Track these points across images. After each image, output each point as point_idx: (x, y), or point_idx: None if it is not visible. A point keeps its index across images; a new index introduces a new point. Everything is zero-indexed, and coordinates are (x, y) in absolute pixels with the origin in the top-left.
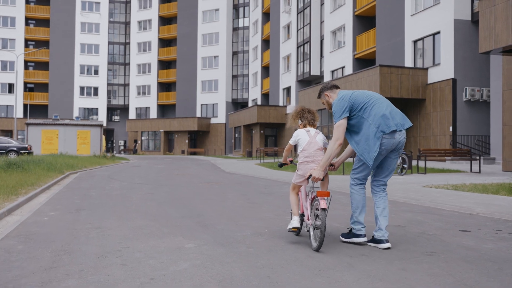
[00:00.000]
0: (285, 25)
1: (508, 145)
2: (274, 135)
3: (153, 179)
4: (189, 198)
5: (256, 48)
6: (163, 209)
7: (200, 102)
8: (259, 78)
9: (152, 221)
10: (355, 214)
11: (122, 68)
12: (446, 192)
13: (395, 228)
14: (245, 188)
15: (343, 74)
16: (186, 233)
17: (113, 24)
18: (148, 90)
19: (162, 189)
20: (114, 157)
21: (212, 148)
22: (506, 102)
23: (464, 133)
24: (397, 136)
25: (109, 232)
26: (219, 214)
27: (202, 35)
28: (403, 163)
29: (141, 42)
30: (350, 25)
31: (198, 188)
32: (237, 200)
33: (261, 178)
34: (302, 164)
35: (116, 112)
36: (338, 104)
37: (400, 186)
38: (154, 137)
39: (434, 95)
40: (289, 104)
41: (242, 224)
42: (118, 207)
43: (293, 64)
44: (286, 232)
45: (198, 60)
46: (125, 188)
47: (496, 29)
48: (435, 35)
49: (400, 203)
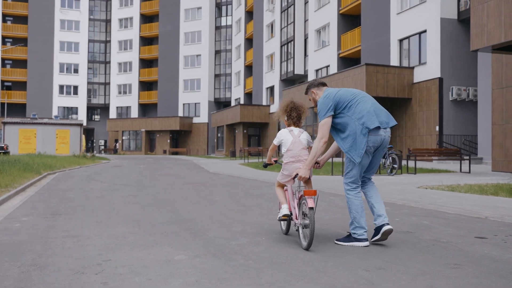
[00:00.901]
0: (268, 24)
1: (498, 144)
2: (258, 134)
3: (135, 180)
4: (175, 201)
5: (239, 47)
6: (148, 213)
7: (182, 101)
8: (242, 77)
9: (136, 228)
10: (356, 219)
11: (102, 67)
12: (444, 194)
13: (405, 235)
14: (233, 190)
15: (328, 73)
16: (175, 242)
17: (93, 21)
18: (129, 89)
19: (145, 191)
20: (94, 157)
21: (195, 148)
22: (496, 101)
23: (450, 133)
24: (382, 133)
25: (88, 242)
26: (208, 219)
27: (184, 33)
28: (393, 163)
29: (122, 40)
30: (334, 23)
31: (183, 189)
32: (226, 202)
33: (247, 178)
34: (287, 164)
35: (97, 111)
36: (323, 103)
37: (395, 187)
38: (135, 137)
39: (420, 94)
40: (272, 103)
41: (236, 230)
42: (98, 211)
43: (277, 63)
44: (287, 240)
45: (180, 58)
46: (105, 189)
47: (488, 26)
48: (421, 34)
49: (399, 205)
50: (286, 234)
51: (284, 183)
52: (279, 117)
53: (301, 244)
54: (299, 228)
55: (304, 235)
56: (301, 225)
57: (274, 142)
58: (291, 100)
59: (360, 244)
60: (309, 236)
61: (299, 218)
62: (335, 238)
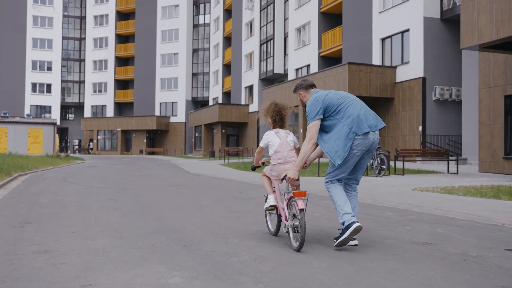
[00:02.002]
0: (247, 22)
1: (485, 145)
2: (236, 134)
3: (113, 182)
4: (158, 206)
5: (217, 46)
6: (130, 221)
7: (159, 100)
8: (220, 76)
9: (118, 240)
10: (340, 207)
11: (77, 65)
12: (444, 197)
13: (426, 247)
14: (219, 193)
15: (308, 72)
16: (166, 259)
17: (67, 18)
18: (104, 88)
19: (125, 194)
20: (69, 157)
21: (172, 148)
22: (483, 101)
23: (433, 133)
24: (371, 137)
25: (63, 259)
26: (199, 228)
27: (162, 31)
28: (381, 164)
29: (97, 38)
30: (315, 22)
31: (165, 192)
32: (214, 208)
33: (231, 180)
34: (275, 165)
35: (71, 110)
36: (311, 106)
37: (388, 190)
38: (110, 136)
39: (403, 94)
40: (251, 103)
41: (233, 242)
42: (74, 219)
43: (256, 62)
44: (296, 256)
45: (157, 57)
46: (81, 193)
47: (479, 24)
48: (404, 33)
49: (402, 210)
50: (275, 235)
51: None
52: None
53: (291, 246)
54: (289, 229)
55: (295, 237)
56: (291, 227)
57: (260, 145)
58: (274, 102)
59: (351, 228)
60: (300, 237)
61: (289, 219)
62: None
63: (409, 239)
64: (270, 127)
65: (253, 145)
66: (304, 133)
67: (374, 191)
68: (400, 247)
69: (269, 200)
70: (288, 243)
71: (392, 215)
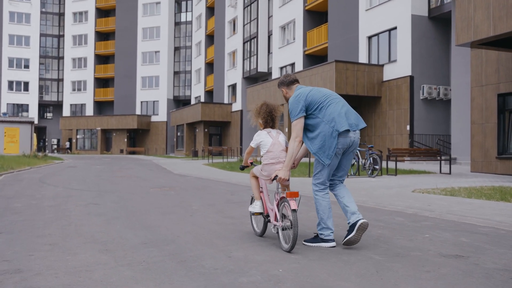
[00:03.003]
0: (230, 20)
1: (477, 144)
2: (219, 133)
3: (94, 183)
4: (145, 211)
5: (200, 44)
6: (115, 230)
7: (140, 99)
8: (202, 74)
9: (103, 254)
10: (322, 220)
11: (55, 62)
12: (449, 200)
13: (459, 261)
14: (209, 196)
15: (293, 71)
16: (163, 281)
17: (45, 15)
18: (84, 86)
19: (108, 198)
20: (47, 156)
21: (153, 147)
22: (475, 100)
23: (420, 132)
24: (351, 135)
25: (38, 282)
26: (194, 238)
27: (143, 29)
28: (374, 164)
29: (76, 35)
30: (300, 20)
31: (151, 195)
32: (207, 213)
33: (219, 181)
34: (267, 165)
35: (49, 109)
36: (294, 103)
37: (387, 191)
38: (90, 136)
39: (390, 92)
40: (234, 101)
41: (237, 257)
42: (51, 227)
43: (239, 61)
44: (316, 274)
45: (138, 55)
46: (60, 196)
47: (476, 19)
48: (391, 31)
49: (412, 214)
50: (261, 236)
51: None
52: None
53: (281, 246)
54: (278, 230)
55: (285, 237)
56: (281, 227)
57: (251, 145)
58: (265, 103)
59: (327, 244)
60: (292, 238)
61: (279, 220)
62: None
63: (436, 251)
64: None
65: (236, 145)
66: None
67: (373, 193)
68: (431, 261)
69: (255, 206)
70: (319, 269)
71: (403, 221)
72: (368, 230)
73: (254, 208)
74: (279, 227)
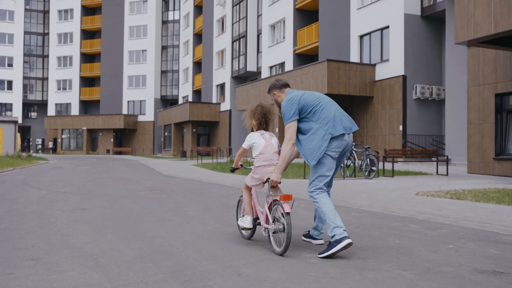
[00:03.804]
0: (219, 19)
1: (474, 145)
2: (207, 133)
3: (81, 186)
4: (138, 218)
5: (187, 43)
6: (106, 240)
7: (126, 98)
8: (190, 74)
9: (94, 271)
10: (331, 220)
11: (40, 61)
12: (459, 204)
13: (501, 280)
14: (204, 200)
15: (283, 70)
16: None
17: (29, 12)
18: (69, 85)
19: (96, 202)
20: (31, 157)
21: (140, 147)
22: (472, 99)
23: (413, 133)
24: (346, 138)
25: None
26: (196, 251)
27: (129, 27)
28: (371, 165)
29: (61, 33)
30: (290, 19)
31: (142, 199)
32: (205, 220)
33: (212, 183)
34: (259, 168)
35: (33, 108)
36: (287, 106)
37: (390, 194)
38: (76, 135)
39: (382, 92)
40: (223, 101)
41: (249, 275)
42: (34, 238)
43: (228, 60)
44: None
45: (125, 54)
46: (45, 200)
47: (476, 17)
48: (383, 30)
49: (425, 221)
50: (249, 239)
51: (253, 186)
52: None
53: (273, 250)
54: (269, 233)
55: (276, 240)
56: (273, 230)
57: (243, 146)
58: (260, 105)
59: (342, 244)
60: (285, 241)
61: (271, 223)
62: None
63: (469, 266)
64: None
65: (225, 145)
66: (281, 134)
67: (375, 197)
68: (468, 279)
69: (245, 221)
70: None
71: (419, 229)
72: (385, 240)
73: (244, 223)
74: (271, 230)
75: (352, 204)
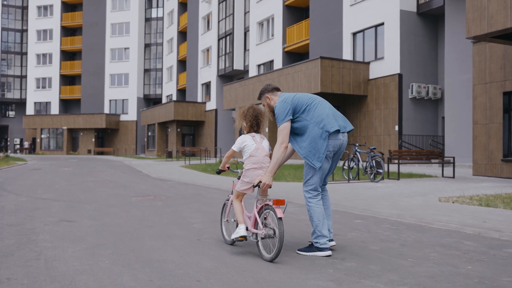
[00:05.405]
0: (204, 16)
1: (480, 146)
2: (192, 133)
3: (64, 191)
4: (136, 233)
5: (171, 41)
6: (104, 268)
7: (108, 97)
8: (174, 72)
9: None
10: (317, 228)
11: (18, 58)
12: (498, 213)
13: None
14: (206, 208)
15: (271, 68)
16: None
17: (7, 8)
18: (49, 83)
19: (83, 211)
20: (8, 157)
21: (122, 148)
22: (478, 98)
23: (409, 133)
24: (341, 137)
25: None
26: (218, 280)
27: (111, 24)
28: (377, 168)
29: (41, 30)
30: (279, 16)
31: (136, 208)
32: (217, 235)
33: (209, 188)
34: (249, 170)
35: (11, 107)
36: (280, 107)
37: (411, 201)
38: (55, 135)
39: (377, 91)
40: (208, 100)
41: None
42: (10, 263)
43: (214, 58)
44: None
45: (107, 51)
46: (23, 209)
47: (490, 10)
48: (378, 27)
49: (477, 236)
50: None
51: (243, 191)
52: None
53: (261, 256)
54: (258, 238)
55: (266, 246)
56: (262, 236)
57: (233, 148)
58: (252, 106)
59: (322, 253)
60: (277, 247)
61: (261, 228)
62: None
63: None
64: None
65: (211, 145)
66: (271, 134)
67: (398, 204)
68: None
69: (239, 231)
70: None
71: (479, 247)
72: (453, 266)
73: (238, 233)
74: (260, 235)
75: (377, 214)
